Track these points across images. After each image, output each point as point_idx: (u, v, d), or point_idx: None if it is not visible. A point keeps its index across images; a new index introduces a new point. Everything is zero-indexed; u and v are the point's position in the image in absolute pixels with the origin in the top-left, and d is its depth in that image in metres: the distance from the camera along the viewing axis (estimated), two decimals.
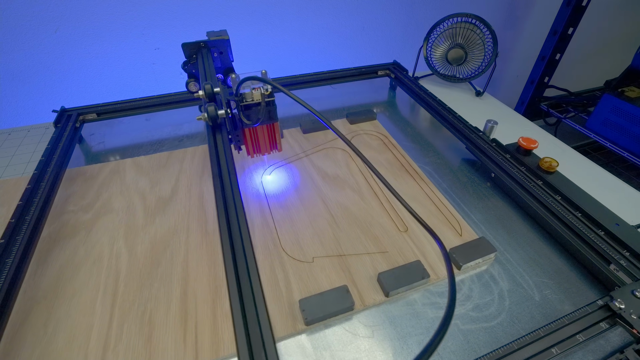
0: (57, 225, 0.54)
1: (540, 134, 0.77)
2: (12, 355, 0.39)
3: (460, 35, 0.84)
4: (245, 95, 0.49)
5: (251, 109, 0.50)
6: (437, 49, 0.88)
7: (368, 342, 0.41)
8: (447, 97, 0.90)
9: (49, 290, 0.46)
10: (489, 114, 0.83)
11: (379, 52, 1.24)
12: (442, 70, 0.92)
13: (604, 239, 0.44)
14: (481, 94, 0.89)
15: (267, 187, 0.61)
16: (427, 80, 0.97)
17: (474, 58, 0.85)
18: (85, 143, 0.74)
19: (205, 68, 0.60)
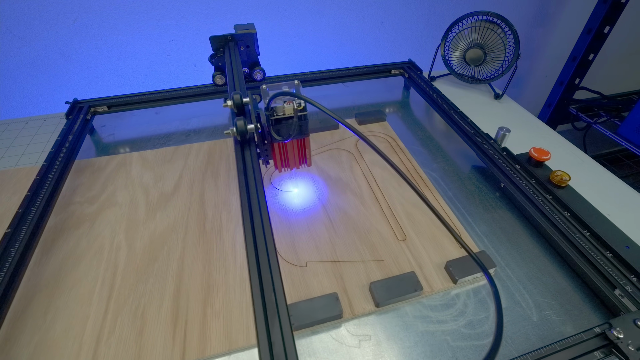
0: (64, 215, 0.57)
1: (560, 142, 0.74)
2: (13, 340, 0.42)
3: (479, 35, 0.82)
4: (277, 109, 0.46)
5: (282, 124, 0.48)
6: (455, 49, 0.86)
7: (354, 352, 0.41)
8: (464, 99, 0.88)
9: (51, 279, 0.48)
10: (506, 118, 0.81)
11: (398, 49, 1.22)
12: (459, 70, 0.90)
13: (611, 262, 0.43)
14: (500, 96, 0.86)
15: (267, 184, 0.62)
16: (444, 80, 0.95)
17: (494, 59, 0.83)
18: (96, 134, 0.77)
19: (232, 64, 0.62)
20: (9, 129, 0.79)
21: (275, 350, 0.29)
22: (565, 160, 0.69)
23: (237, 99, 0.49)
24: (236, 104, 0.49)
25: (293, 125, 0.47)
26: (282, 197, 0.60)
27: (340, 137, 0.74)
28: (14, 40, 0.91)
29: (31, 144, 0.73)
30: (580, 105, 1.38)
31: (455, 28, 0.84)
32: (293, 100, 0.46)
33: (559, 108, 1.39)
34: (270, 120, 0.47)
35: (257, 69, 0.77)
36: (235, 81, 0.57)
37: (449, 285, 0.47)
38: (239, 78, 0.59)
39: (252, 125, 0.46)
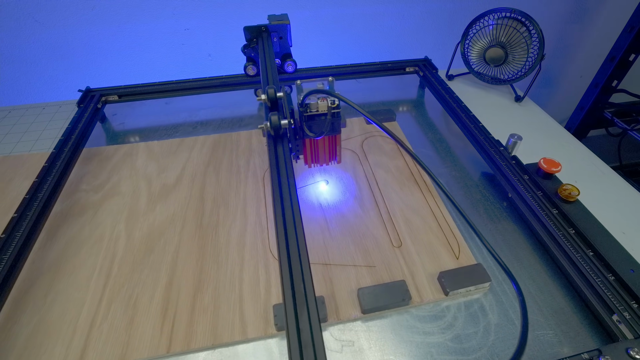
0: (70, 202, 0.61)
1: (580, 151, 0.72)
2: (14, 319, 0.46)
3: (501, 33, 0.79)
4: (311, 106, 0.48)
5: (315, 120, 0.49)
6: (475, 46, 0.84)
7: (335, 357, 0.43)
8: (482, 100, 0.86)
9: (53, 264, 0.52)
10: (524, 123, 0.79)
11: (419, 43, 1.20)
12: (479, 69, 0.88)
13: (612, 285, 0.42)
14: (521, 99, 0.84)
15: (268, 184, 0.63)
16: (462, 79, 0.93)
17: (515, 60, 0.80)
18: (108, 122, 0.81)
19: (266, 56, 0.63)
20: (27, 114, 0.84)
21: (303, 337, 0.31)
22: (584, 171, 0.67)
23: (271, 93, 0.49)
24: (270, 98, 0.50)
25: (326, 122, 0.48)
26: None
27: (346, 136, 0.74)
28: (36, 26, 0.96)
29: (46, 130, 0.78)
30: (617, 109, 1.31)
31: (477, 25, 0.82)
32: (327, 97, 0.48)
33: (592, 111, 1.33)
34: (304, 116, 0.48)
35: (289, 60, 0.78)
36: (269, 74, 0.58)
37: (440, 296, 0.48)
38: (272, 71, 0.60)
39: (285, 121, 0.47)
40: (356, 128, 0.76)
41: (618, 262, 0.43)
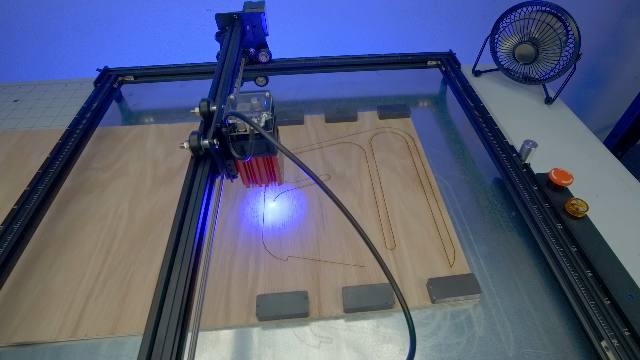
0: (80, 179, 0.66)
1: (608, 163, 0.69)
2: (22, 285, 0.52)
3: (534, 28, 0.77)
4: (237, 125, 0.44)
5: (242, 141, 0.46)
6: (506, 42, 0.82)
7: (312, 352, 0.45)
8: (508, 100, 0.84)
9: (60, 237, 0.58)
10: (550, 128, 0.77)
11: (451, 33, 1.18)
12: (508, 65, 0.85)
13: (606, 309, 0.41)
14: (551, 101, 0.82)
15: None
16: (490, 76, 0.91)
17: (547, 59, 0.78)
18: (124, 102, 0.86)
19: (229, 49, 0.65)
20: (50, 90, 0.91)
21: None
22: (609, 185, 0.65)
23: (203, 107, 0.46)
24: (202, 112, 0.46)
25: (250, 144, 0.45)
26: (280, 188, 0.64)
27: (356, 130, 0.75)
28: (64, 2, 1.03)
29: (66, 107, 0.85)
30: None
31: (509, 18, 0.80)
32: (259, 114, 0.45)
33: None
34: (230, 136, 0.45)
35: (263, 50, 0.80)
36: (224, 72, 0.58)
37: (426, 303, 0.49)
38: (227, 67, 0.59)
39: (206, 141, 0.43)
40: (367, 122, 0.77)
41: (617, 286, 0.43)
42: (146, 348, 0.32)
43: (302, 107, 0.84)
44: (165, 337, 0.32)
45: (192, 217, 0.41)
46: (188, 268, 0.36)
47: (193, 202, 0.42)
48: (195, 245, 0.39)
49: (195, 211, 0.41)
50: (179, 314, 0.33)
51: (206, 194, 0.44)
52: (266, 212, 0.61)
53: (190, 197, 0.43)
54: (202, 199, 0.43)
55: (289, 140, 0.73)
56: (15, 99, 0.88)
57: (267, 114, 0.45)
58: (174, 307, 0.34)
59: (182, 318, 0.33)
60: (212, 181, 0.47)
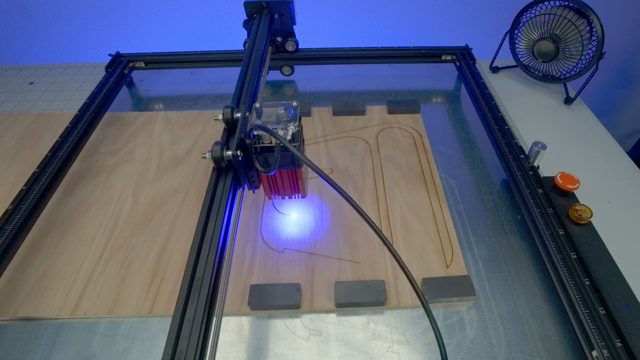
0: (88, 163, 0.70)
1: (627, 169, 0.68)
2: (27, 263, 0.55)
3: (556, 25, 0.76)
4: (263, 137, 0.44)
5: (267, 153, 0.45)
6: (525, 37, 0.81)
7: (300, 343, 0.47)
8: (525, 98, 0.83)
9: (66, 218, 0.61)
10: (567, 129, 0.76)
11: (474, 27, 1.16)
12: (527, 62, 0.84)
13: (601, 319, 0.42)
14: (571, 101, 0.80)
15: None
16: (509, 73, 0.90)
17: (567, 57, 0.77)
18: (134, 88, 0.90)
19: (257, 37, 0.66)
20: (64, 73, 0.95)
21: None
22: (624, 192, 0.64)
23: (227, 114, 0.45)
24: (225, 119, 0.46)
25: (275, 158, 0.44)
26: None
27: (363, 125, 0.76)
28: None
29: (78, 91, 0.88)
30: None
31: (530, 12, 0.79)
32: (286, 125, 0.44)
33: None
34: (255, 148, 0.44)
35: (290, 39, 0.81)
36: (251, 64, 0.60)
37: (418, 302, 0.50)
38: (256, 56, 0.62)
39: (230, 153, 0.43)
40: (375, 117, 0.78)
41: (614, 296, 0.43)
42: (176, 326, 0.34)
43: (311, 99, 0.85)
44: (193, 319, 0.35)
45: (213, 231, 0.41)
46: (210, 278, 0.38)
47: (214, 217, 0.42)
48: (217, 261, 0.40)
49: (217, 225, 0.42)
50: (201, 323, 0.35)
51: (228, 207, 0.44)
52: (265, 202, 0.63)
53: (212, 211, 0.43)
54: (224, 213, 0.43)
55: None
56: (31, 81, 0.92)
57: (294, 125, 0.44)
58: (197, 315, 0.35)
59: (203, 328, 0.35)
60: (234, 193, 0.46)
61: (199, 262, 0.39)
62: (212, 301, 0.37)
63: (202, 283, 0.37)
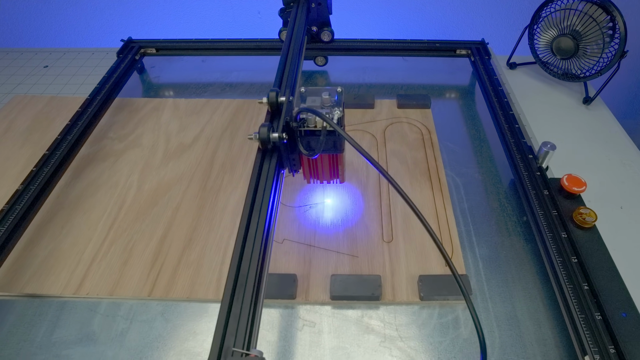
0: (96, 147, 0.73)
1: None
2: (35, 242, 0.59)
3: (576, 20, 0.75)
4: (308, 121, 0.46)
5: (311, 137, 0.47)
6: (544, 33, 0.80)
7: (293, 333, 0.49)
8: (542, 97, 0.83)
9: (73, 201, 0.64)
10: (583, 130, 0.75)
11: (494, 20, 1.15)
12: (546, 59, 0.84)
13: (596, 325, 0.42)
14: (590, 101, 0.79)
15: None
16: (527, 70, 0.89)
17: (588, 55, 0.76)
18: (145, 74, 0.92)
19: (296, 25, 0.67)
20: (78, 57, 0.98)
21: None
22: (638, 198, 0.63)
23: (272, 97, 0.47)
24: (271, 102, 0.48)
25: (321, 142, 0.46)
26: None
27: (371, 118, 0.77)
28: None
29: (91, 75, 0.92)
30: None
31: (550, 7, 0.78)
32: (331, 110, 0.46)
33: None
34: (299, 131, 0.47)
35: (326, 29, 0.82)
36: (290, 52, 0.60)
37: (414, 299, 0.51)
38: (295, 45, 0.62)
39: (276, 135, 0.45)
40: (384, 111, 0.79)
41: (612, 302, 0.43)
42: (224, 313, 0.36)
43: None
44: (241, 307, 0.36)
45: (260, 211, 0.43)
46: (258, 260, 0.39)
47: (261, 197, 0.44)
48: (264, 239, 0.41)
49: (264, 205, 0.44)
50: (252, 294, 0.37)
51: (273, 187, 0.46)
52: None
53: (258, 191, 0.45)
54: (270, 194, 0.45)
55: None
56: (46, 64, 0.96)
57: (339, 110, 0.46)
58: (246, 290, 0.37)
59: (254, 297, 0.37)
60: (278, 175, 0.48)
61: (246, 244, 0.40)
62: (259, 283, 0.39)
63: (250, 268, 0.39)
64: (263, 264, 0.40)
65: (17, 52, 1.00)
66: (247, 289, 0.37)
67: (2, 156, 0.72)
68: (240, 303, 0.36)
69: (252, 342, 0.35)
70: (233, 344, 0.33)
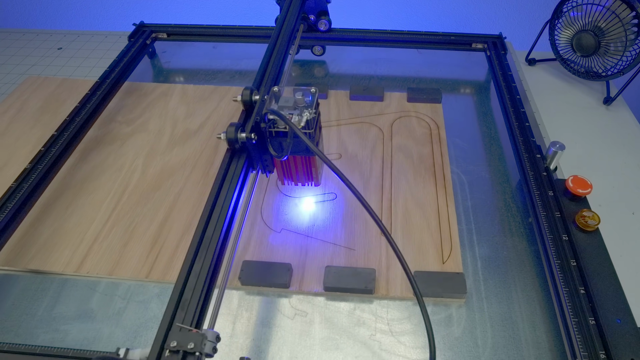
0: (104, 130, 0.76)
1: None
2: (42, 220, 0.62)
3: (599, 16, 0.74)
4: (278, 121, 0.46)
5: (281, 138, 0.47)
6: (565, 29, 0.79)
7: (285, 322, 0.51)
8: (561, 95, 0.82)
9: (79, 182, 0.68)
10: (601, 132, 0.74)
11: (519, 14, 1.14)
12: (568, 57, 0.83)
13: (589, 329, 0.43)
14: (610, 101, 0.78)
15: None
16: (546, 67, 0.89)
17: (610, 52, 0.74)
18: (157, 59, 0.95)
19: (289, 13, 0.69)
20: (91, 40, 1.02)
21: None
22: None
23: (245, 95, 0.48)
24: (244, 100, 0.48)
25: (287, 145, 0.46)
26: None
27: (379, 111, 0.78)
28: None
29: (103, 58, 0.95)
30: None
31: (572, 1, 0.77)
32: (302, 111, 0.46)
33: None
34: (268, 132, 0.47)
35: (323, 18, 0.83)
36: (279, 41, 0.61)
37: (408, 295, 0.53)
38: (284, 38, 0.64)
39: (244, 135, 0.45)
40: (393, 104, 0.79)
41: (608, 308, 0.44)
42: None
43: (330, 80, 0.88)
44: (193, 290, 0.39)
45: (220, 214, 0.44)
46: (212, 259, 0.41)
47: (223, 197, 0.45)
48: (221, 239, 0.43)
49: (225, 207, 0.45)
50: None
51: (237, 189, 0.46)
52: (269, 182, 0.66)
53: (221, 192, 0.46)
54: (233, 195, 0.46)
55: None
56: (60, 46, 1.00)
57: (309, 112, 0.46)
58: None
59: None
60: (245, 175, 0.49)
61: (203, 240, 0.43)
62: (212, 276, 0.41)
63: (205, 258, 0.41)
64: (220, 256, 0.43)
65: (33, 34, 1.05)
66: (201, 275, 0.40)
67: (14, 136, 0.76)
68: (193, 286, 0.39)
69: (202, 321, 0.38)
70: (182, 321, 0.36)
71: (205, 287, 0.39)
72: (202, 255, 0.41)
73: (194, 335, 0.34)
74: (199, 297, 0.38)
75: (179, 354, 0.33)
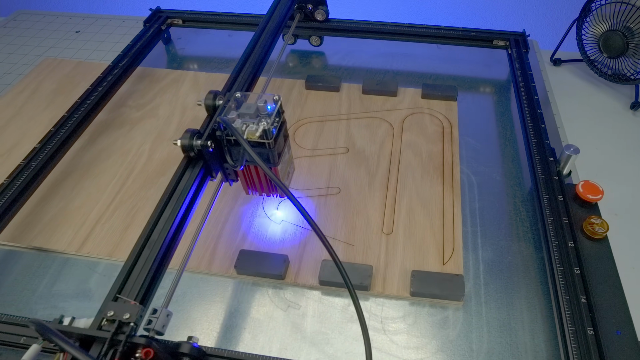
0: (114, 114, 0.79)
1: None
2: (48, 199, 0.66)
3: (629, 15, 0.72)
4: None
5: (240, 146, 0.45)
6: (593, 29, 0.78)
7: (277, 313, 0.53)
8: (585, 98, 0.81)
9: (86, 164, 0.71)
10: (623, 138, 0.73)
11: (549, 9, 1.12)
12: (595, 58, 0.81)
13: (586, 340, 0.43)
14: (638, 106, 0.77)
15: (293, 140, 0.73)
16: (572, 68, 0.87)
17: (638, 54, 0.73)
18: (172, 45, 0.98)
19: (280, 2, 0.70)
20: (108, 24, 1.06)
21: None
22: None
23: (208, 99, 0.48)
24: (206, 105, 0.48)
25: (240, 155, 0.45)
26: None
27: (392, 107, 0.79)
28: None
29: (119, 43, 0.99)
30: None
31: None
32: (259, 121, 0.45)
33: None
34: (225, 140, 0.46)
35: (320, 7, 0.84)
36: (264, 34, 0.62)
37: (404, 294, 0.53)
38: (271, 30, 0.64)
39: (199, 142, 0.45)
40: (407, 100, 0.80)
41: (608, 319, 0.44)
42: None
43: (344, 73, 0.89)
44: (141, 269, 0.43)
45: (166, 221, 0.46)
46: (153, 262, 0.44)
47: (172, 205, 0.46)
48: (165, 246, 0.46)
49: (172, 214, 0.46)
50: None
51: (188, 198, 0.47)
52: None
53: (171, 200, 0.46)
54: (183, 203, 0.46)
55: (318, 108, 0.79)
56: (77, 29, 1.04)
57: (266, 122, 0.44)
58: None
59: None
60: (200, 183, 0.49)
61: (146, 247, 0.46)
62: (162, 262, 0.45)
63: (155, 243, 0.45)
64: (171, 247, 0.46)
65: (52, 16, 1.09)
66: (149, 257, 0.44)
67: (27, 116, 0.80)
68: (141, 266, 0.43)
69: (148, 298, 0.42)
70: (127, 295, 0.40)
71: (153, 267, 0.43)
72: (152, 240, 0.46)
73: (132, 306, 0.38)
74: (146, 275, 0.42)
75: (114, 323, 0.36)
